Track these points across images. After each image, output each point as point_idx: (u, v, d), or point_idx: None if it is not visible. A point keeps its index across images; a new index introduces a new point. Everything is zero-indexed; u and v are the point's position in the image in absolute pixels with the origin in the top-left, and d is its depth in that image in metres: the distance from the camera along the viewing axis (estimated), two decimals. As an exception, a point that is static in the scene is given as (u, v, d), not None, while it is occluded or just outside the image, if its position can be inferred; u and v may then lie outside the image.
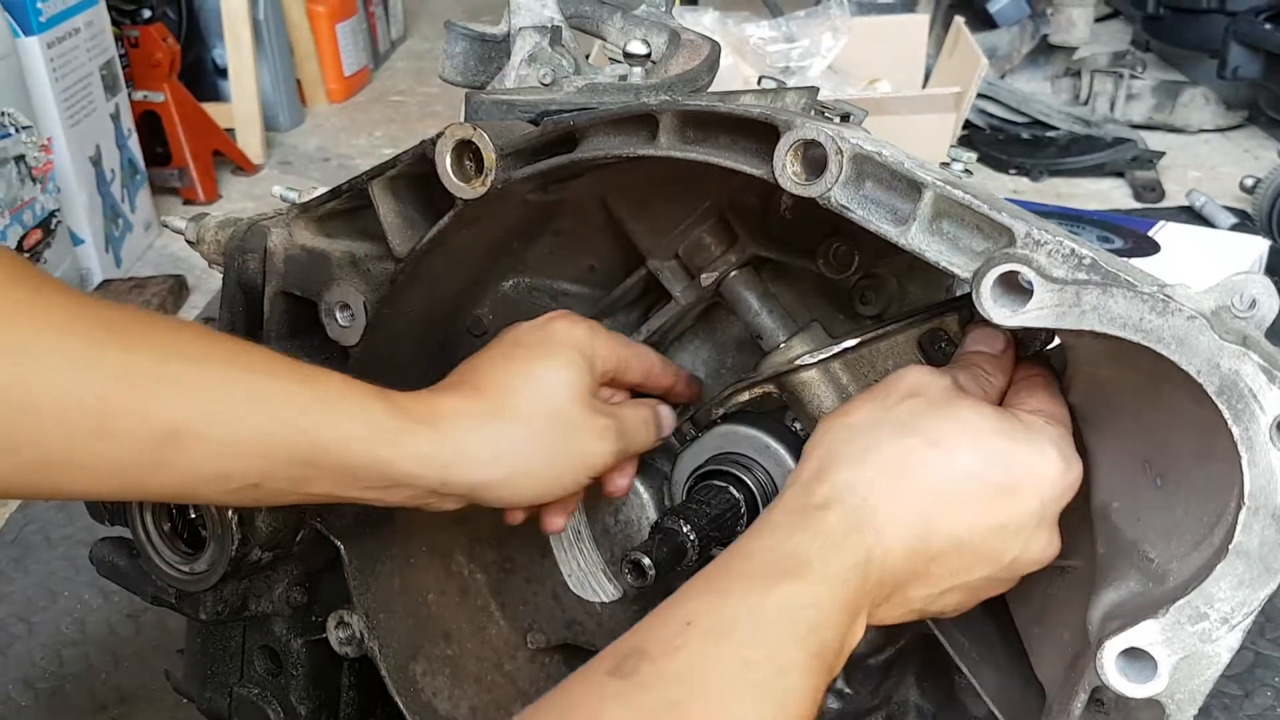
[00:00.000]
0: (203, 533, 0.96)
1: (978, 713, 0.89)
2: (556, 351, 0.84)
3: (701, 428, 0.94)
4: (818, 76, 2.71)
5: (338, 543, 0.99)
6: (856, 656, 0.68)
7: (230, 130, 3.12)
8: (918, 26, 3.02)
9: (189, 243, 1.06)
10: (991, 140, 3.05)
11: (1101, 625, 0.69)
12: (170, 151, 2.89)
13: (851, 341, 0.86)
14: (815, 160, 0.70)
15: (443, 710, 1.04)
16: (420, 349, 0.98)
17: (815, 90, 0.97)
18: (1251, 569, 0.62)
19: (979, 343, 0.80)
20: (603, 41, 1.11)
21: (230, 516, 0.93)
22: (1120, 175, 2.92)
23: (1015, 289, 0.66)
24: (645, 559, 0.82)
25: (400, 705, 1.01)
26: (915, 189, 0.69)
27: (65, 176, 2.35)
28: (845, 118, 0.99)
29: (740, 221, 0.93)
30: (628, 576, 0.83)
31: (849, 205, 0.70)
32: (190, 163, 2.90)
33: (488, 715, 1.06)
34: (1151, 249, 2.11)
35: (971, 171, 0.91)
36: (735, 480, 0.89)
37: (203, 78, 3.19)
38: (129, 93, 2.70)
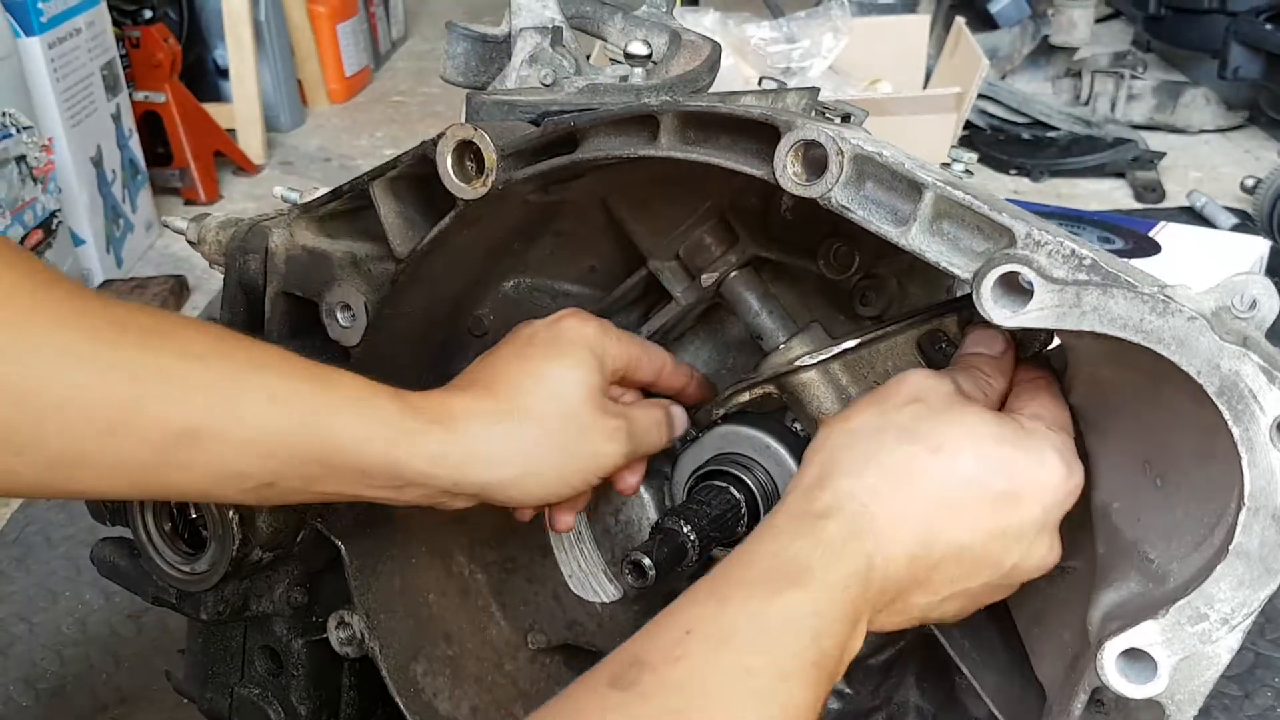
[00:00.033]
0: (203, 533, 0.96)
1: (978, 713, 0.89)
2: (567, 350, 0.84)
3: (702, 428, 0.94)
4: (818, 77, 2.71)
5: (338, 543, 0.99)
6: (857, 657, 0.68)
7: (231, 131, 3.12)
8: (918, 27, 3.02)
9: (190, 243, 1.06)
10: (992, 141, 3.06)
11: (1102, 626, 0.69)
12: (171, 152, 2.89)
13: (851, 342, 0.86)
14: (816, 161, 0.70)
15: (443, 710, 1.04)
16: (421, 349, 0.99)
17: (816, 91, 0.97)
18: (1251, 570, 0.62)
19: (979, 344, 0.80)
20: (604, 42, 1.11)
21: (231, 516, 0.93)
22: (1121, 176, 2.93)
23: (1015, 290, 0.66)
24: (646, 559, 0.82)
25: (401, 705, 1.01)
26: (916, 189, 0.69)
27: (66, 177, 2.36)
28: (846, 118, 0.99)
29: (741, 222, 0.93)
30: (628, 577, 0.83)
31: (849, 206, 0.70)
32: (191, 163, 2.90)
33: (488, 715, 1.06)
34: (1152, 249, 2.11)
35: (972, 172, 0.91)
36: (736, 480, 0.89)
37: (204, 78, 3.19)
38: (130, 93, 2.70)
